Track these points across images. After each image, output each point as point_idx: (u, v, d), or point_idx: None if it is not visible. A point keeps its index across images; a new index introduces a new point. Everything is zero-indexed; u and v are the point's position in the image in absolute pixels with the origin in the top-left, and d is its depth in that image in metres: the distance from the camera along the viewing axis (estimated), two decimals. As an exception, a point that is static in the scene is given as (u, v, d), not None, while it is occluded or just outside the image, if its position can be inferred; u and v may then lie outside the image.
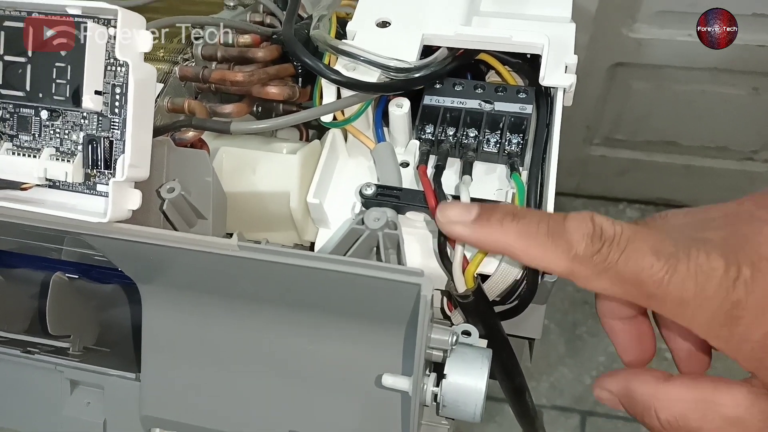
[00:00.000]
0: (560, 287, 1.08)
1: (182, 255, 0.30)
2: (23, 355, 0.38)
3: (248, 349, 0.35)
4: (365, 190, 0.33)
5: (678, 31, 0.82)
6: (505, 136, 0.35)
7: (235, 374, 0.35)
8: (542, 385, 1.02)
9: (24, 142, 0.31)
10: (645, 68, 0.88)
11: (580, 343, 1.05)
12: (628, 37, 0.83)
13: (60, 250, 0.38)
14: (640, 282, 0.24)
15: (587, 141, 1.01)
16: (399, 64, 0.34)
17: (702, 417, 0.24)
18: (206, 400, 0.36)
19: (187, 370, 0.36)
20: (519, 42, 0.35)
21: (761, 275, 0.22)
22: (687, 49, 0.83)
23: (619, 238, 0.25)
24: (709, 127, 0.95)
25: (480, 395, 0.30)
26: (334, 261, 0.28)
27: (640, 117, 0.95)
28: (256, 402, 0.35)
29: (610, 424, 1.00)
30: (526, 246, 0.26)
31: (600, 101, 0.93)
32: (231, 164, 0.34)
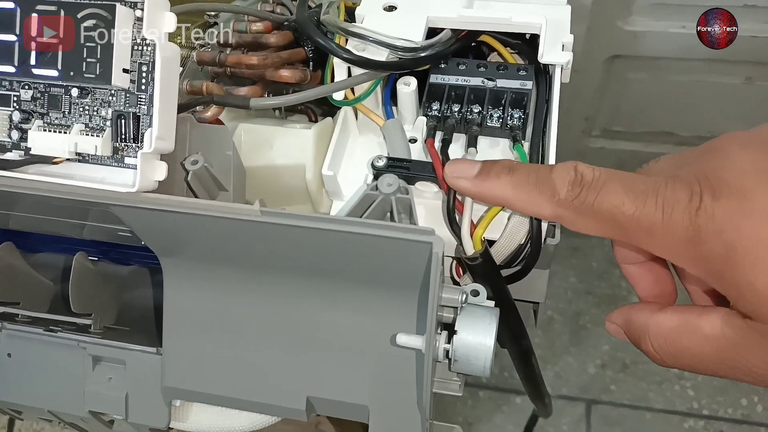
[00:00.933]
0: (563, 278, 1.10)
1: (206, 223, 0.32)
2: (46, 334, 0.40)
3: (266, 318, 0.36)
4: (377, 162, 0.35)
5: (672, 23, 0.84)
6: (507, 111, 0.37)
7: (254, 344, 0.37)
8: (547, 375, 1.04)
9: (55, 119, 0.33)
10: (641, 60, 0.90)
11: (584, 333, 1.07)
12: (624, 29, 0.85)
13: (83, 228, 0.40)
14: (614, 218, 0.27)
15: (586, 133, 1.03)
16: (406, 44, 0.36)
17: (686, 337, 0.27)
18: (225, 370, 0.37)
19: (207, 341, 0.37)
20: (518, 22, 0.37)
21: (721, 203, 0.25)
22: (681, 41, 0.85)
23: (596, 181, 0.28)
24: (705, 116, 0.96)
25: (489, 350, 0.32)
26: (351, 223, 0.30)
27: (637, 108, 0.97)
28: (274, 370, 0.37)
29: (615, 411, 1.01)
30: (518, 195, 0.30)
31: (598, 93, 0.95)
32: (249, 140, 0.36)
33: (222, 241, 0.34)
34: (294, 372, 0.37)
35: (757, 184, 0.25)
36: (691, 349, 0.27)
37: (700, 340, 0.27)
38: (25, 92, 0.33)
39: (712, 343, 0.27)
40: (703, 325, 0.27)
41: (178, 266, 0.37)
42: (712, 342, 0.27)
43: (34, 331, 0.40)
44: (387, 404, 0.35)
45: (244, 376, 0.37)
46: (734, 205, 0.25)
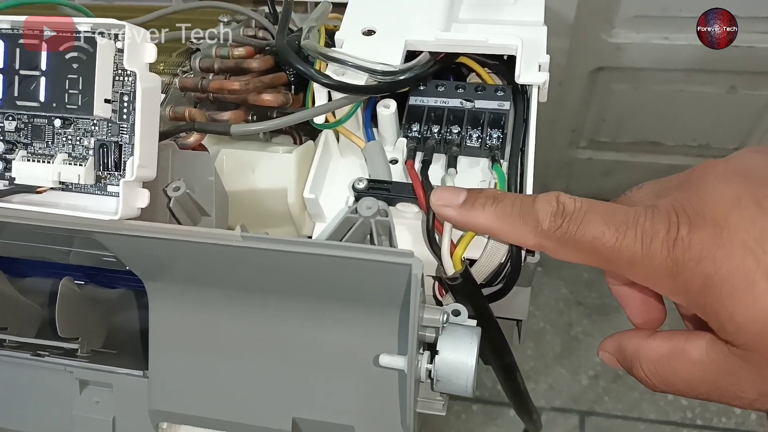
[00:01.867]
0: (554, 289, 1.10)
1: (188, 248, 0.32)
2: (33, 358, 0.40)
3: (251, 340, 0.37)
4: (357, 184, 0.36)
5: (653, 35, 0.85)
6: (486, 131, 0.38)
7: (240, 366, 0.37)
8: (540, 387, 1.04)
9: (38, 149, 0.33)
10: (625, 71, 0.91)
11: (576, 344, 1.07)
12: (607, 41, 0.86)
13: (68, 254, 0.40)
14: (595, 249, 0.27)
15: (573, 144, 1.04)
16: (384, 68, 0.37)
17: (675, 363, 0.28)
18: (212, 391, 0.38)
19: (193, 364, 0.38)
20: (495, 44, 0.38)
21: (697, 234, 0.25)
22: (663, 52, 0.86)
23: (578, 212, 0.28)
24: (690, 126, 0.97)
25: (471, 369, 0.32)
26: (330, 246, 0.30)
27: (622, 119, 0.98)
28: (260, 391, 0.37)
29: (608, 422, 1.01)
30: (502, 226, 0.30)
31: (583, 105, 0.96)
32: (231, 165, 0.37)
33: (205, 265, 0.34)
34: (279, 393, 0.37)
35: (732, 215, 0.25)
36: (680, 374, 0.28)
37: (688, 366, 0.27)
38: (9, 123, 0.33)
39: (699, 368, 0.27)
40: (690, 350, 0.27)
41: (162, 290, 0.37)
42: (699, 367, 0.27)
43: (21, 356, 0.40)
44: (372, 424, 0.36)
45: (230, 398, 0.38)
46: (710, 235, 0.25)
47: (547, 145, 1.01)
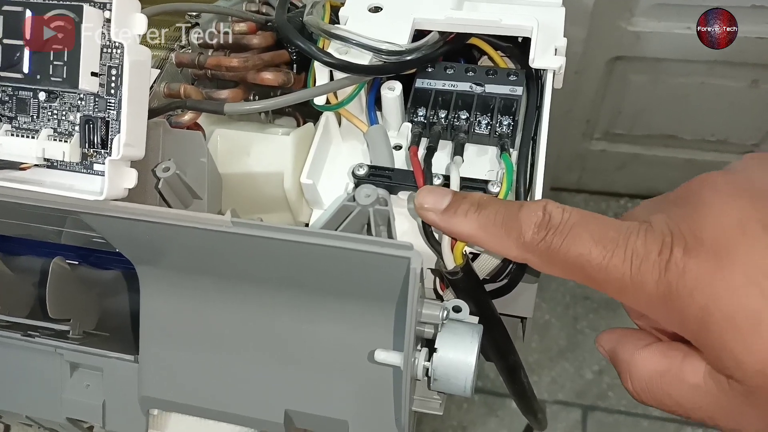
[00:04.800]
0: (561, 282, 1.08)
1: (177, 233, 0.31)
2: (24, 339, 0.39)
3: (244, 329, 0.35)
4: (357, 170, 0.34)
5: (676, 24, 0.83)
6: (496, 117, 0.36)
7: (232, 355, 0.36)
8: (544, 380, 1.02)
9: (23, 124, 0.32)
10: (643, 62, 0.88)
11: (581, 338, 1.05)
12: (627, 30, 0.84)
13: (60, 233, 0.39)
14: (581, 267, 0.25)
15: (587, 135, 1.01)
16: (390, 47, 0.35)
17: (668, 383, 0.25)
18: (203, 380, 0.37)
19: (185, 351, 0.36)
20: (508, 25, 0.36)
21: (693, 257, 0.23)
22: (685, 42, 0.83)
23: (564, 225, 0.26)
24: (709, 120, 0.95)
25: (470, 369, 0.30)
26: (325, 236, 0.29)
27: (639, 111, 0.96)
28: (253, 382, 0.36)
29: (611, 417, 1.00)
30: (484, 235, 0.28)
31: (599, 95, 0.94)
32: (226, 146, 0.35)
33: (196, 250, 0.33)
34: (273, 384, 0.36)
35: (734, 242, 0.22)
36: (672, 395, 0.25)
37: (683, 389, 0.25)
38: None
39: (696, 394, 0.25)
40: (687, 372, 0.25)
41: (154, 275, 0.36)
42: (696, 393, 0.25)
43: (11, 335, 0.39)
44: (366, 420, 0.34)
45: (221, 387, 0.37)
46: (708, 263, 0.22)
47: (560, 136, 0.99)
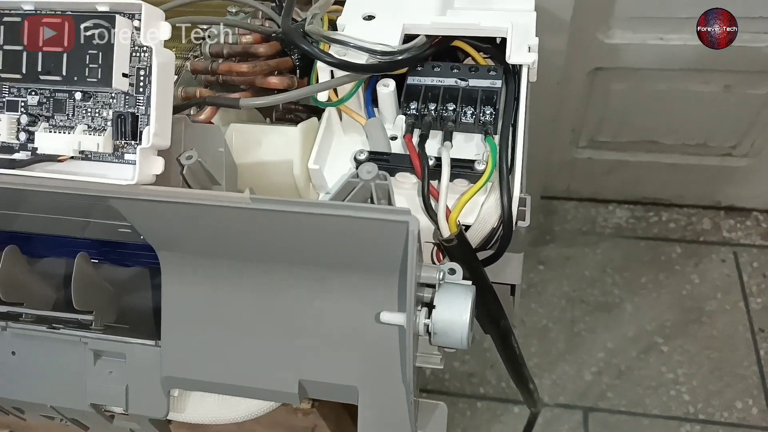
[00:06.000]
0: (557, 286, 1.12)
1: (200, 212, 0.34)
2: (49, 331, 0.42)
3: (259, 306, 0.38)
4: (359, 155, 0.38)
5: (649, 35, 0.87)
6: (479, 107, 0.40)
7: (248, 331, 0.39)
8: (544, 383, 1.05)
9: (59, 122, 0.36)
10: (622, 71, 0.93)
11: (579, 340, 1.08)
12: (604, 42, 0.88)
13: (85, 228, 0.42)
14: None
15: (573, 144, 1.05)
16: (383, 48, 0.39)
17: None
18: (221, 358, 0.39)
19: (203, 331, 0.39)
20: (487, 27, 0.40)
21: None
22: (659, 52, 0.88)
23: None
24: (688, 125, 0.99)
25: (465, 323, 0.34)
26: (332, 206, 0.32)
27: (622, 119, 1.00)
28: (267, 356, 0.38)
29: (612, 418, 1.02)
30: None
31: (582, 105, 0.98)
32: (239, 139, 0.39)
33: (216, 230, 0.36)
34: (286, 357, 0.38)
35: None
36: None
37: None
38: (32, 98, 0.36)
39: None
40: None
41: (174, 259, 0.39)
42: None
43: (37, 328, 0.42)
44: (374, 384, 0.37)
45: (238, 363, 0.39)
46: None
47: (547, 145, 1.03)
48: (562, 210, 1.17)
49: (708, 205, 1.14)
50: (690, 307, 1.07)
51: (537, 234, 1.16)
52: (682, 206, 1.15)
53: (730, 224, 1.14)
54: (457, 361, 1.08)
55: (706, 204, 1.14)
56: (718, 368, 1.02)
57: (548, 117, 0.97)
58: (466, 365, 1.07)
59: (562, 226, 1.17)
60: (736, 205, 1.13)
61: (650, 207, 1.15)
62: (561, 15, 0.83)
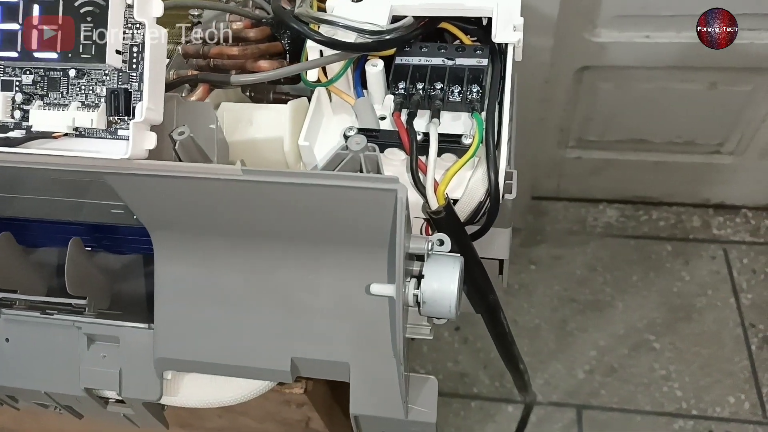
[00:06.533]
0: (548, 286, 1.13)
1: (192, 186, 0.35)
2: (43, 316, 0.42)
3: (251, 285, 0.39)
4: (348, 132, 0.39)
5: (635, 33, 0.89)
6: (466, 86, 0.41)
7: (240, 310, 0.39)
8: (536, 382, 1.05)
9: (54, 99, 0.36)
10: (609, 70, 0.94)
11: (571, 339, 1.08)
12: (591, 41, 0.90)
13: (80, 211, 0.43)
14: None
15: (562, 144, 1.07)
16: (372, 28, 0.40)
17: None
18: (214, 338, 0.39)
19: (196, 311, 0.39)
20: (472, 6, 0.41)
21: None
22: (645, 50, 0.90)
23: None
24: (675, 123, 1.01)
25: (453, 293, 0.34)
26: (321, 176, 0.33)
27: (609, 117, 1.01)
28: (259, 334, 0.39)
29: (605, 415, 1.02)
30: None
31: (570, 104, 0.99)
32: (231, 117, 0.40)
33: (208, 205, 0.37)
34: (278, 335, 0.39)
35: None
36: None
37: None
38: (27, 77, 0.36)
39: None
40: None
41: (167, 239, 0.40)
42: None
43: (31, 314, 0.42)
44: (365, 359, 0.38)
45: (231, 343, 0.40)
46: None
47: (536, 145, 1.05)
48: (552, 210, 1.18)
49: (697, 202, 1.15)
50: (680, 305, 1.08)
51: (527, 234, 1.17)
52: (671, 204, 1.16)
53: (720, 221, 1.15)
54: (450, 361, 1.08)
55: (696, 202, 1.15)
56: (709, 364, 1.03)
57: (536, 117, 0.99)
58: (460, 365, 1.08)
59: (552, 226, 1.18)
60: (725, 203, 1.14)
61: (640, 206, 1.16)
62: (548, 13, 0.84)
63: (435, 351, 1.08)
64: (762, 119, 0.97)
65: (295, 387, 0.54)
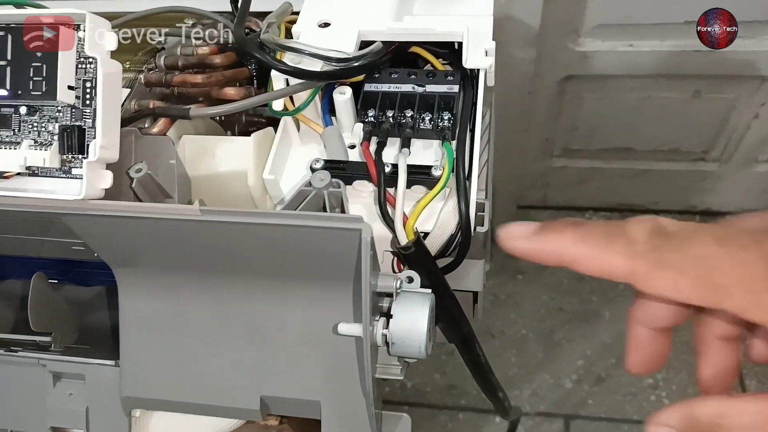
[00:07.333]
0: (534, 296, 1.12)
1: (151, 226, 0.34)
2: (7, 354, 0.41)
3: (218, 322, 0.38)
4: (314, 164, 0.37)
5: (618, 42, 0.88)
6: (437, 113, 0.40)
7: (207, 347, 0.38)
8: (524, 393, 1.04)
9: (5, 137, 0.35)
10: (593, 79, 0.93)
11: (559, 349, 1.08)
12: (574, 50, 0.89)
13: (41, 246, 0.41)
14: (703, 271, 0.22)
15: (548, 153, 1.06)
16: (339, 55, 0.39)
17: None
18: (182, 375, 0.38)
19: (163, 349, 0.38)
20: (442, 32, 0.40)
21: None
22: (628, 59, 0.89)
23: (682, 231, 0.23)
24: (659, 131, 1.00)
25: (423, 332, 0.33)
26: (285, 216, 0.32)
27: (594, 126, 1.01)
28: (228, 372, 0.38)
29: (592, 425, 1.02)
30: (584, 248, 0.25)
31: (554, 113, 0.98)
32: (193, 150, 0.38)
33: (169, 244, 0.36)
34: (247, 373, 0.38)
35: None
36: None
37: None
38: (-24, 113, 0.35)
39: None
40: None
41: (130, 276, 0.38)
42: None
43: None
44: (336, 397, 0.37)
45: (199, 380, 0.39)
46: None
47: (521, 155, 1.04)
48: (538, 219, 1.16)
49: (683, 209, 1.15)
50: (668, 313, 1.08)
51: (514, 243, 1.15)
52: (657, 212, 1.15)
53: (705, 229, 1.14)
54: (437, 373, 1.07)
55: (681, 209, 1.14)
56: (697, 372, 1.02)
57: (521, 127, 0.98)
58: (447, 377, 1.07)
59: (539, 235, 1.17)
60: (711, 209, 1.14)
61: (626, 213, 1.16)
62: (530, 23, 0.83)
63: (422, 363, 1.06)
64: (746, 126, 0.97)
65: (270, 419, 0.53)
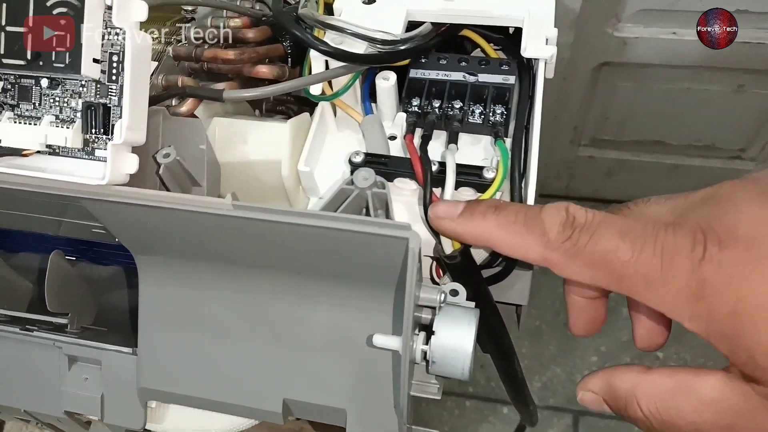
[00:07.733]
0: (551, 288, 1.09)
1: (178, 217, 0.31)
2: (22, 333, 0.39)
3: (243, 318, 0.36)
4: (354, 158, 0.34)
5: (661, 29, 0.84)
6: (489, 106, 0.37)
7: (230, 344, 0.36)
8: (535, 385, 1.03)
9: (25, 111, 0.32)
10: (630, 67, 0.89)
11: (573, 343, 1.06)
12: (613, 36, 0.85)
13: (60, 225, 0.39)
14: (608, 264, 0.25)
15: (575, 142, 1.02)
16: (384, 37, 0.35)
17: (682, 401, 0.25)
18: (201, 371, 0.37)
19: (183, 341, 0.36)
20: (499, 15, 0.37)
21: (728, 252, 0.23)
22: (670, 47, 0.85)
23: (590, 223, 0.26)
24: (696, 125, 0.96)
25: (467, 352, 0.31)
26: (324, 218, 0.29)
27: (626, 117, 0.97)
28: (251, 371, 0.36)
29: (602, 422, 1.00)
30: (504, 235, 0.28)
31: (586, 101, 0.95)
32: (223, 134, 0.35)
33: (196, 236, 0.33)
34: (270, 373, 0.36)
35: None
36: (687, 416, 0.25)
37: (697, 405, 0.24)
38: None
39: (712, 407, 0.24)
40: (701, 387, 0.24)
41: (152, 264, 0.36)
42: (712, 407, 0.24)
43: (9, 329, 0.39)
44: (364, 407, 0.34)
45: (220, 378, 0.37)
46: (743, 254, 0.23)
47: (547, 143, 1.00)
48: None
49: (711, 208, 1.11)
50: (688, 313, 1.05)
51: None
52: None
53: (733, 228, 1.11)
54: (447, 359, 1.06)
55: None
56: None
57: (550, 114, 0.94)
58: (457, 364, 1.05)
59: (559, 225, 1.14)
60: (740, 209, 1.10)
61: (651, 208, 1.13)
62: (569, 5, 0.79)
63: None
64: (788, 126, 0.93)
65: (287, 419, 0.51)
